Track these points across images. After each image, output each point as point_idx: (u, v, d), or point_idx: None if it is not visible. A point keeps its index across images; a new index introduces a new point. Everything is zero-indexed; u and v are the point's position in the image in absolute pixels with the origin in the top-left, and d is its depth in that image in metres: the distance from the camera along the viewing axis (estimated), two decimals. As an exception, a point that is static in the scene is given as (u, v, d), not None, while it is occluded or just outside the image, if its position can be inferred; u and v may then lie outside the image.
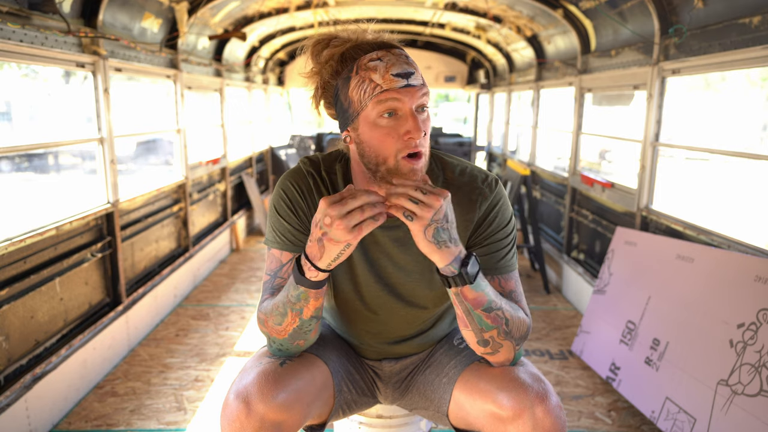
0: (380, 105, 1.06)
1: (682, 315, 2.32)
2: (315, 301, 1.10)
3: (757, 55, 2.22)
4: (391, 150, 1.08)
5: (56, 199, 8.63)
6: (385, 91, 1.05)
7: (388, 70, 1.06)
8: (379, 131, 1.08)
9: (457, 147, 7.49)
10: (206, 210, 4.70)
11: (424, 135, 1.08)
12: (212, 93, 4.85)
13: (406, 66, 1.07)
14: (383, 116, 1.07)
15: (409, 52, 1.14)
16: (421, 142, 1.08)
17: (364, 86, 1.07)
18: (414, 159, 1.08)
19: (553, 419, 1.06)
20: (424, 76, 1.14)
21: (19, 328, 2.25)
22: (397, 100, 1.05)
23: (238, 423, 1.07)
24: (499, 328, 1.10)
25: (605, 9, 3.36)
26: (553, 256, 4.35)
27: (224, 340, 3.16)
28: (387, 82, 1.05)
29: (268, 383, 1.09)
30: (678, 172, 11.91)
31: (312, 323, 1.14)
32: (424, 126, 1.08)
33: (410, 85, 1.06)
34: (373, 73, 1.06)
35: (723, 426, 1.95)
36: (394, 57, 1.07)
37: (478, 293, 1.07)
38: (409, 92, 1.06)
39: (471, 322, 1.10)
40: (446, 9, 4.62)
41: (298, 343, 1.18)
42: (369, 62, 1.07)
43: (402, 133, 1.06)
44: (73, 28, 2.55)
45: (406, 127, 1.06)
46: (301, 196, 1.22)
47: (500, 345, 1.12)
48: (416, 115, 1.06)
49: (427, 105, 1.09)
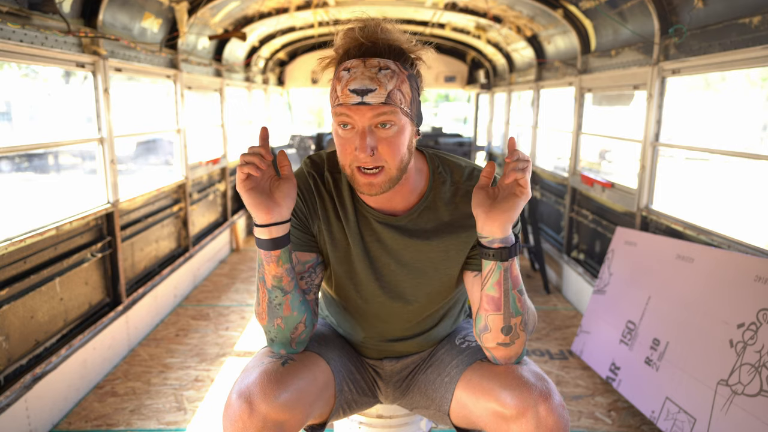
0: (336, 117, 1.09)
1: (682, 315, 2.32)
2: (269, 266, 1.12)
3: (757, 55, 2.22)
4: (346, 159, 1.11)
5: (56, 200, 8.63)
6: (340, 104, 1.07)
7: (347, 84, 1.06)
8: (338, 139, 1.11)
9: (457, 147, 7.49)
10: (206, 210, 4.70)
11: (372, 153, 1.07)
12: (212, 93, 4.85)
13: (367, 81, 1.05)
14: (340, 126, 1.09)
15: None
16: (376, 159, 1.08)
17: (332, 95, 1.10)
18: (368, 175, 1.10)
19: (556, 417, 1.06)
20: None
21: (19, 328, 2.25)
22: (348, 116, 1.07)
23: (241, 423, 1.07)
24: (524, 315, 1.13)
25: (605, 9, 3.36)
26: (553, 256, 4.35)
27: (224, 340, 3.16)
28: (343, 96, 1.06)
29: (270, 383, 1.09)
30: (678, 172, 11.91)
31: (278, 296, 1.14)
32: (385, 143, 1.08)
33: (364, 102, 1.05)
34: (338, 83, 1.08)
35: (723, 426, 1.95)
36: (361, 69, 1.06)
37: (517, 271, 1.12)
38: (360, 110, 1.05)
39: (506, 303, 1.11)
40: (446, 9, 4.62)
41: (277, 322, 1.16)
42: (341, 71, 1.08)
43: (353, 148, 1.08)
44: (73, 28, 2.55)
45: (355, 143, 1.07)
46: (301, 197, 1.23)
47: (518, 336, 1.13)
48: (367, 132, 1.06)
49: (389, 122, 1.07)
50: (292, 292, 1.15)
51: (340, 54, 1.11)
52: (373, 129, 1.07)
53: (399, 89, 1.07)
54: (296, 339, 1.20)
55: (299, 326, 1.18)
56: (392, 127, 1.08)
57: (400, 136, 1.09)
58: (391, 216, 1.23)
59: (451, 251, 1.23)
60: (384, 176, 1.10)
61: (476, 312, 1.17)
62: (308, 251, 1.24)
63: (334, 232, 1.24)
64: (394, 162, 1.10)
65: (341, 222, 1.24)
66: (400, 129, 1.09)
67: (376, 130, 1.07)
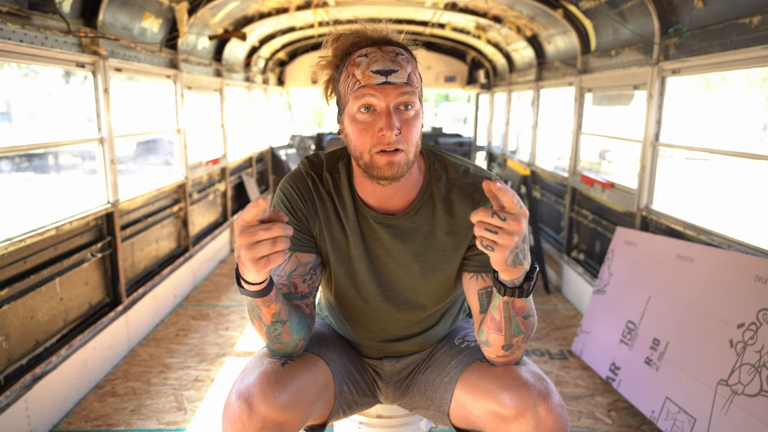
0: (358, 100, 1.08)
1: (682, 315, 2.32)
2: (266, 308, 1.08)
3: (757, 55, 2.22)
4: (366, 145, 1.10)
5: (56, 199, 8.63)
6: (363, 87, 1.07)
7: (369, 67, 1.07)
8: (357, 126, 1.10)
9: (457, 147, 7.49)
10: (206, 210, 4.70)
11: (399, 133, 1.08)
12: (212, 93, 4.85)
13: (389, 63, 1.07)
14: (361, 111, 1.09)
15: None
16: (398, 140, 1.08)
17: (348, 81, 1.10)
18: (389, 153, 1.09)
19: (555, 418, 1.06)
20: (426, 79, 1.15)
21: (19, 328, 2.25)
22: (373, 96, 1.07)
23: (240, 423, 1.07)
24: (527, 333, 1.11)
25: (605, 9, 3.36)
26: (553, 256, 4.35)
27: (224, 340, 3.16)
28: (366, 78, 1.07)
29: (270, 384, 1.09)
30: (678, 172, 11.91)
31: (277, 328, 1.12)
32: (406, 125, 1.09)
33: (388, 82, 1.07)
34: (356, 68, 1.09)
35: (723, 426, 1.95)
36: (379, 54, 1.08)
37: (525, 302, 1.07)
38: (385, 90, 1.07)
39: (507, 327, 1.09)
40: (446, 9, 4.62)
41: (277, 346, 1.17)
42: (357, 58, 1.10)
43: (376, 130, 1.08)
44: (73, 28, 2.55)
45: (380, 124, 1.07)
46: (300, 198, 1.23)
47: (518, 348, 1.13)
48: (392, 113, 1.07)
49: (411, 103, 1.09)
50: (290, 317, 1.13)
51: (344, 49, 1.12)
52: (397, 109, 1.08)
53: (414, 73, 1.11)
54: (296, 351, 1.21)
55: (299, 343, 1.20)
56: (412, 109, 1.10)
57: (417, 119, 1.11)
58: (390, 215, 1.23)
59: (448, 251, 1.23)
60: (403, 157, 1.10)
61: (479, 323, 1.17)
62: (309, 252, 1.23)
63: (334, 232, 1.24)
64: (412, 146, 1.11)
65: (341, 222, 1.24)
66: (417, 112, 1.11)
67: (398, 111, 1.08)
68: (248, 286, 1.02)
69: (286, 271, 1.20)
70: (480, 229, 0.90)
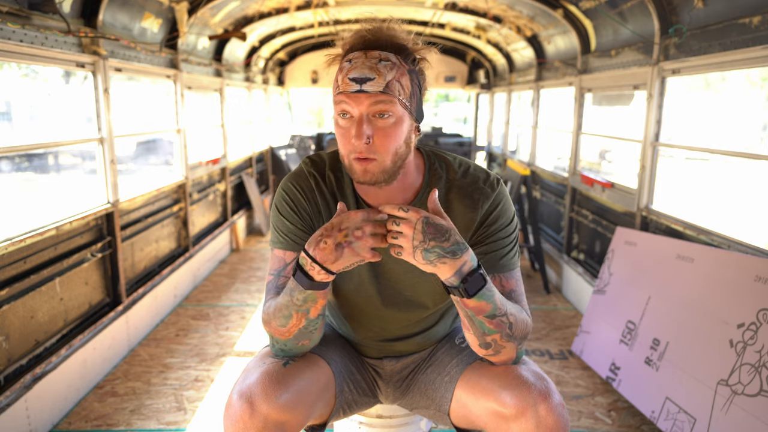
0: (336, 106, 1.10)
1: (682, 315, 2.32)
2: (323, 299, 1.11)
3: (757, 55, 2.22)
4: (345, 149, 1.12)
5: (56, 200, 8.63)
6: (340, 93, 1.08)
7: (348, 73, 1.08)
8: (337, 129, 1.12)
9: (457, 147, 7.49)
10: (206, 210, 4.70)
11: (368, 142, 1.07)
12: (212, 93, 4.85)
13: (366, 71, 1.06)
14: (340, 116, 1.10)
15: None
16: (369, 149, 1.08)
17: (333, 84, 1.11)
18: (363, 161, 1.09)
19: (556, 417, 1.06)
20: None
21: (19, 328, 2.25)
22: (347, 103, 1.08)
23: (242, 423, 1.07)
24: (502, 332, 1.10)
25: (605, 9, 3.36)
26: (553, 256, 4.35)
27: (224, 340, 3.16)
28: (343, 85, 1.08)
29: (271, 383, 1.09)
30: (678, 172, 11.91)
31: (318, 322, 1.15)
32: (381, 133, 1.08)
33: (362, 90, 1.06)
34: (340, 73, 1.10)
35: (723, 426, 1.95)
36: (362, 60, 1.08)
37: (480, 302, 1.06)
38: (358, 98, 1.06)
39: (472, 326, 1.10)
40: (446, 9, 4.62)
41: (302, 343, 1.18)
42: (344, 62, 1.10)
43: (350, 136, 1.09)
44: (73, 28, 2.55)
45: (353, 131, 1.08)
46: (303, 197, 1.23)
47: (502, 347, 1.12)
48: (364, 121, 1.06)
49: (386, 112, 1.07)
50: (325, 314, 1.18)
51: (345, 50, 1.13)
52: (370, 118, 1.08)
53: (398, 80, 1.08)
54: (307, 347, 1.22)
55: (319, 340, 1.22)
56: (389, 118, 1.08)
57: (397, 127, 1.09)
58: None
59: None
60: (377, 166, 1.10)
61: None
62: None
63: None
64: (387, 153, 1.10)
65: None
66: (397, 120, 1.09)
67: (374, 119, 1.08)
68: (324, 277, 1.05)
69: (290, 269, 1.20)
70: (390, 236, 1.02)
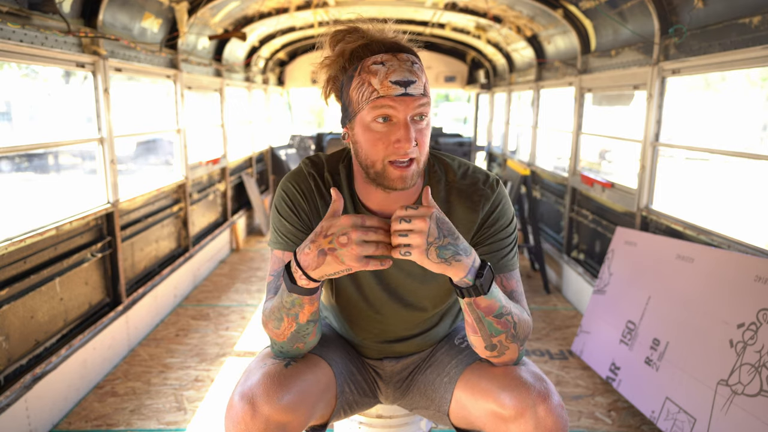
0: (375, 110, 1.06)
1: (682, 315, 2.32)
2: (310, 306, 1.09)
3: (757, 55, 2.22)
4: (379, 155, 1.08)
5: (56, 200, 8.63)
6: (381, 97, 1.05)
7: (387, 76, 1.05)
8: (371, 135, 1.08)
9: (457, 147, 7.49)
10: (206, 210, 4.70)
11: (416, 145, 1.07)
12: (212, 93, 4.85)
13: (407, 74, 1.06)
14: (377, 121, 1.07)
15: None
16: (413, 151, 1.07)
17: (363, 89, 1.07)
18: (402, 167, 1.08)
19: (555, 418, 1.06)
20: (428, 80, 1.14)
21: (19, 328, 2.25)
22: (392, 107, 1.05)
23: (243, 424, 1.07)
24: (508, 332, 1.11)
25: (605, 9, 3.36)
26: (553, 256, 4.35)
27: (224, 340, 3.16)
28: (384, 89, 1.05)
29: (273, 385, 1.10)
30: (678, 172, 11.91)
31: (309, 327, 1.14)
32: (420, 135, 1.08)
33: (407, 94, 1.05)
34: (373, 77, 1.06)
35: (723, 426, 1.95)
36: (397, 63, 1.06)
37: (491, 300, 1.07)
38: (404, 101, 1.05)
39: (481, 328, 1.10)
40: (446, 9, 4.62)
41: (297, 346, 1.18)
42: (372, 65, 1.07)
43: (393, 141, 1.06)
44: (73, 28, 2.55)
45: (398, 135, 1.06)
46: (303, 197, 1.22)
47: (507, 348, 1.13)
48: (410, 124, 1.06)
49: (426, 114, 1.08)
50: (320, 319, 1.16)
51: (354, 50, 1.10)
52: (413, 120, 1.08)
53: (428, 83, 1.10)
54: (302, 350, 1.21)
55: (315, 343, 1.21)
56: (425, 119, 1.09)
57: (429, 128, 1.11)
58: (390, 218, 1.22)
59: None
60: (415, 167, 1.10)
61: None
62: None
63: None
64: (423, 155, 1.11)
65: None
66: (429, 122, 1.11)
67: (414, 122, 1.08)
68: (306, 283, 1.04)
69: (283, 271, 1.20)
70: (395, 237, 0.97)
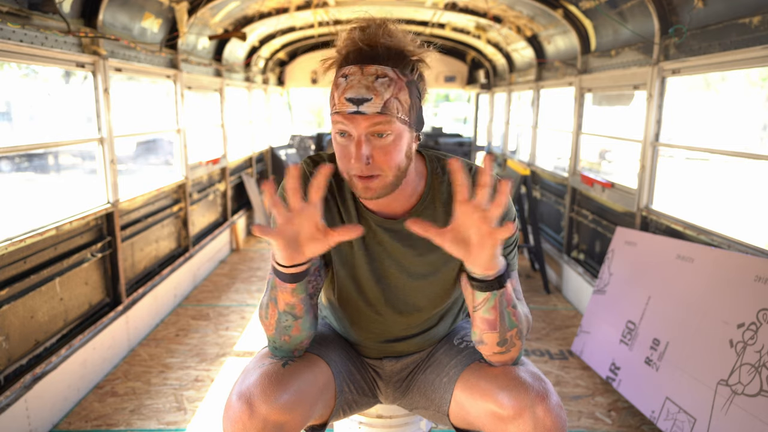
0: (334, 125, 1.08)
1: (682, 315, 2.32)
2: (282, 293, 1.10)
3: (757, 55, 2.22)
4: (344, 166, 1.10)
5: (56, 200, 8.63)
6: (336, 113, 1.07)
7: (344, 92, 1.05)
8: (336, 146, 1.11)
9: (457, 147, 7.50)
10: (206, 210, 4.70)
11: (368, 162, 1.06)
12: (212, 93, 4.85)
13: (363, 91, 1.04)
14: (338, 134, 1.09)
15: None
16: (371, 168, 1.07)
17: (330, 100, 1.09)
18: (365, 179, 1.08)
19: (553, 418, 1.06)
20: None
21: (19, 328, 2.25)
22: (344, 124, 1.06)
23: (241, 424, 1.07)
24: (519, 325, 1.12)
25: (605, 9, 3.36)
26: (553, 256, 4.35)
27: (224, 340, 3.16)
28: (340, 105, 1.06)
29: (271, 384, 1.09)
30: (678, 172, 11.91)
31: (288, 319, 1.13)
32: (381, 151, 1.07)
33: (359, 112, 1.04)
34: (336, 90, 1.07)
35: (723, 426, 1.95)
36: (357, 78, 1.05)
37: (510, 287, 1.09)
38: (355, 120, 1.04)
39: (501, 323, 1.10)
40: (446, 9, 4.62)
41: (284, 339, 1.17)
42: (339, 77, 1.08)
43: (350, 156, 1.08)
44: (73, 28, 2.55)
45: (352, 151, 1.07)
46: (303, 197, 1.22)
47: (514, 345, 1.13)
48: (363, 142, 1.05)
49: (385, 131, 1.06)
50: (303, 317, 1.15)
51: (341, 56, 1.10)
52: (369, 138, 1.06)
53: (396, 98, 1.06)
54: (299, 349, 1.21)
55: (304, 341, 1.20)
56: (388, 137, 1.07)
57: (396, 144, 1.08)
58: (392, 219, 1.22)
59: (449, 253, 1.23)
60: (380, 182, 1.10)
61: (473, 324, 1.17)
62: None
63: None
64: (390, 170, 1.10)
65: (344, 224, 1.23)
66: (396, 137, 1.08)
67: (372, 138, 1.06)
68: (280, 268, 1.05)
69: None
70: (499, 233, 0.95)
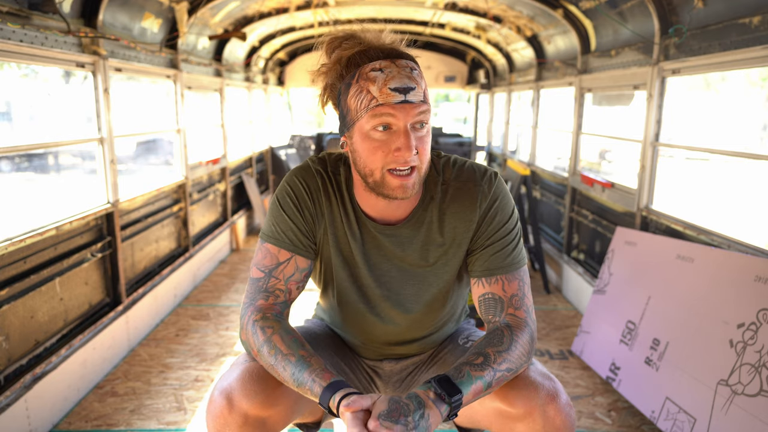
0: (375, 119, 1.05)
1: (682, 315, 2.32)
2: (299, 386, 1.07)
3: (757, 55, 2.22)
4: (378, 163, 1.07)
5: (56, 199, 8.63)
6: (380, 105, 1.03)
7: (386, 84, 1.03)
8: (370, 143, 1.07)
9: (457, 147, 7.49)
10: (206, 210, 4.70)
11: (416, 153, 1.06)
12: (212, 93, 4.85)
13: (406, 80, 1.04)
14: (377, 129, 1.06)
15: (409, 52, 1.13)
16: (414, 159, 1.06)
17: (361, 97, 1.05)
18: (402, 176, 1.07)
19: (563, 417, 1.06)
20: (426, 79, 1.13)
21: (19, 328, 2.25)
22: (392, 115, 1.04)
23: (222, 419, 1.08)
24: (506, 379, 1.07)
25: (605, 9, 3.36)
26: (553, 256, 4.34)
27: (224, 340, 3.16)
28: (383, 96, 1.03)
29: (251, 380, 1.10)
30: (678, 172, 11.91)
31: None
32: (421, 143, 1.07)
33: (407, 101, 1.03)
34: (371, 84, 1.04)
35: (723, 426, 1.95)
36: (395, 69, 1.04)
37: (472, 397, 1.03)
38: (404, 108, 1.03)
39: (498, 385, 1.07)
40: (446, 9, 4.62)
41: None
42: (370, 72, 1.05)
43: (393, 149, 1.05)
44: (73, 28, 2.55)
45: (398, 143, 1.05)
46: (309, 195, 1.20)
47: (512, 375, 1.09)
48: (410, 132, 1.04)
49: (426, 121, 1.07)
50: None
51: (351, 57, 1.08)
52: (413, 128, 1.06)
53: (427, 89, 1.09)
54: None
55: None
56: (425, 127, 1.08)
57: (429, 136, 1.10)
58: (390, 225, 1.21)
59: (448, 255, 1.22)
60: (416, 176, 1.09)
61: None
62: (307, 257, 1.20)
63: (339, 235, 1.23)
64: (425, 163, 1.10)
65: (344, 225, 1.22)
66: (428, 129, 1.09)
67: (414, 130, 1.06)
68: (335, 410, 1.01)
69: (285, 275, 1.17)
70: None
